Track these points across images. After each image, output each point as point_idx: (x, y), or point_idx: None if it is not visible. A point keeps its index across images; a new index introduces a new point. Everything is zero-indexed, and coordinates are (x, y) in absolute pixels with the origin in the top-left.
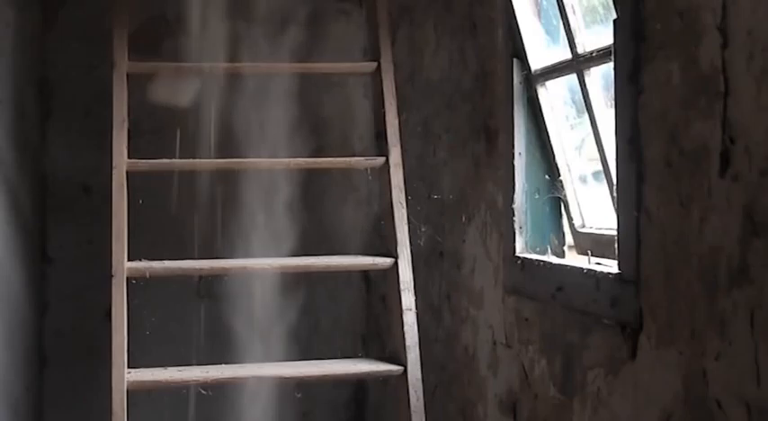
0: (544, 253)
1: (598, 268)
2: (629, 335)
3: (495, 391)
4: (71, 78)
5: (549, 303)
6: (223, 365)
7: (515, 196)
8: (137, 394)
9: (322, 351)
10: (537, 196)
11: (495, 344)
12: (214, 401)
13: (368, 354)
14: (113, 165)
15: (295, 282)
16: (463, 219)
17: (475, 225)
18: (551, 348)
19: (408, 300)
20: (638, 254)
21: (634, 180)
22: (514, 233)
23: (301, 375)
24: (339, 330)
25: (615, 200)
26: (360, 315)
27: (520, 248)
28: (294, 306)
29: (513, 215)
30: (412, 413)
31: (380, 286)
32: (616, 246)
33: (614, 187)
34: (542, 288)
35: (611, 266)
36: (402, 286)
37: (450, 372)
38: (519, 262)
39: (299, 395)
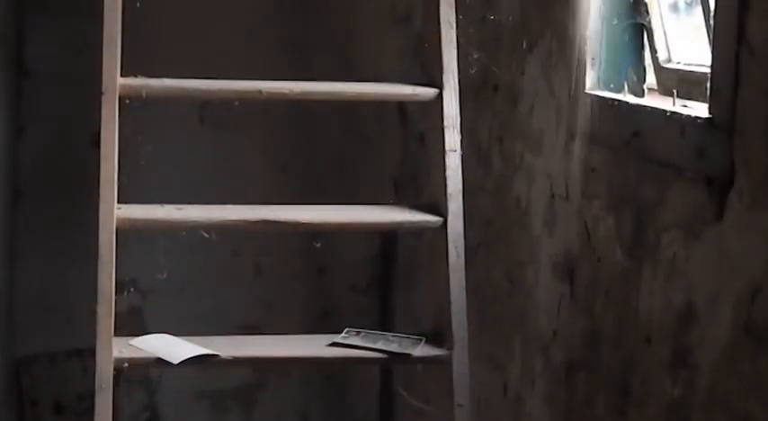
0: (620, 91)
1: (684, 111)
2: (716, 191)
3: (549, 253)
4: None
5: (622, 151)
6: (229, 206)
7: (589, 20)
8: (127, 234)
9: (346, 196)
10: (615, 22)
11: (553, 197)
12: (217, 247)
13: (401, 202)
14: None
15: (315, 113)
16: (524, 46)
17: (538, 54)
18: (621, 204)
19: (453, 139)
20: (734, 95)
21: (736, 5)
22: (585, 66)
23: (321, 222)
24: (367, 172)
25: (710, 29)
26: (393, 155)
27: (591, 84)
28: (314, 141)
29: (585, 44)
30: (450, 272)
31: (419, 122)
32: (708, 85)
33: (711, 13)
34: (615, 133)
35: (699, 110)
36: (446, 122)
37: (497, 228)
38: (589, 100)
39: (317, 245)
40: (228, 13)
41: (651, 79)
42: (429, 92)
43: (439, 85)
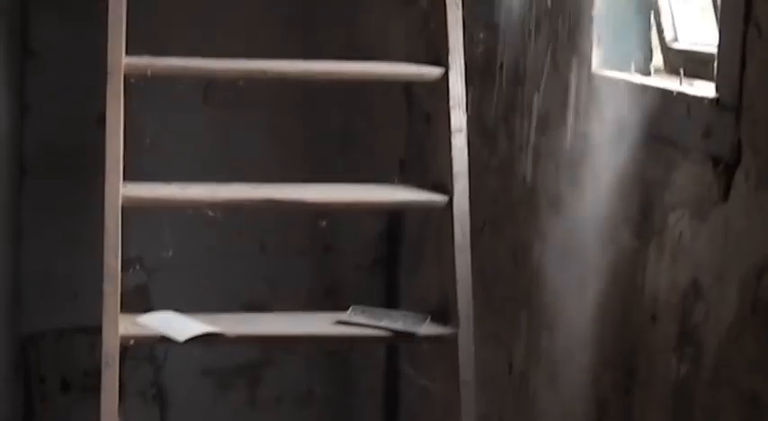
0: (626, 70)
1: (691, 91)
2: (722, 171)
3: (554, 232)
4: None
5: (629, 131)
6: (234, 185)
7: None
8: (133, 212)
9: (353, 176)
10: (622, 1)
11: (559, 177)
12: (222, 225)
13: (407, 181)
14: None
15: (320, 92)
16: (530, 25)
17: (544, 33)
18: (627, 184)
19: (458, 119)
20: (741, 75)
21: None
22: (591, 45)
23: (327, 201)
24: (374, 151)
25: (717, 8)
26: (398, 135)
27: (597, 64)
28: (319, 120)
29: (592, 23)
30: (456, 251)
31: (425, 102)
32: (715, 65)
33: None
34: (621, 112)
35: (706, 89)
36: (452, 102)
37: (502, 208)
38: (595, 80)
39: (323, 224)
40: None
41: (658, 59)
42: (435, 71)
43: (445, 64)
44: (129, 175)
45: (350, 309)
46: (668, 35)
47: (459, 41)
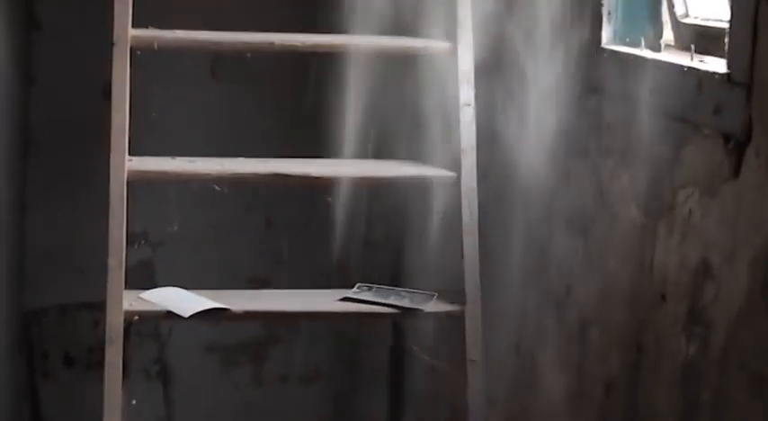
0: (636, 45)
1: (701, 66)
2: (733, 148)
3: (563, 209)
4: None
5: (638, 107)
6: (240, 159)
7: None
8: (138, 186)
9: (354, 150)
10: None
11: (567, 153)
12: (228, 200)
13: (413, 157)
14: None
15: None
16: None
17: (553, 7)
18: (636, 161)
19: (467, 93)
20: (753, 51)
21: None
22: (601, 19)
23: (333, 176)
24: (379, 127)
25: None
26: (404, 110)
27: (607, 39)
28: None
29: None
30: (463, 228)
31: (432, 77)
32: (726, 40)
33: None
34: (631, 88)
35: (717, 65)
36: (460, 77)
37: (510, 185)
38: (604, 55)
39: (329, 199)
40: None
41: (668, 34)
42: (442, 45)
43: (453, 38)
44: (135, 149)
45: (356, 285)
46: (679, 10)
47: (468, 15)
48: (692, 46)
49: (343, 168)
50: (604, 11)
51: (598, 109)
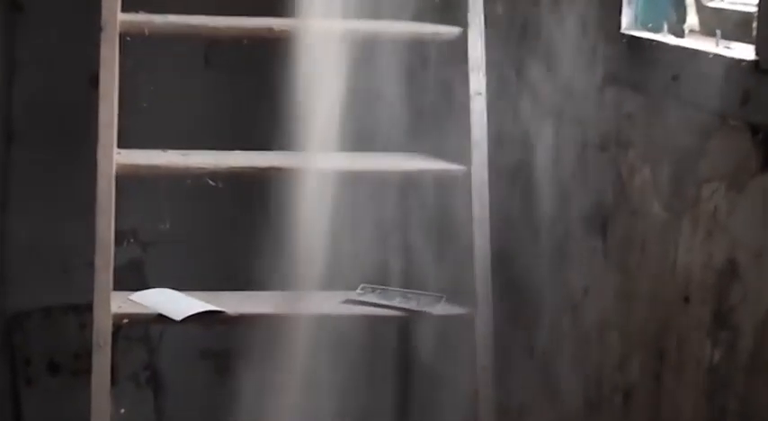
0: (659, 31)
1: (728, 53)
2: (761, 140)
3: (580, 205)
4: None
5: (661, 96)
6: (236, 152)
7: None
8: (127, 181)
9: (362, 145)
10: None
11: (585, 145)
12: (223, 195)
13: (421, 150)
14: None
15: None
16: None
17: None
18: (658, 153)
19: (478, 82)
20: None
21: None
22: (621, 3)
23: (335, 169)
24: (385, 119)
25: None
26: (412, 100)
27: (627, 23)
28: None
29: None
30: (474, 223)
31: (441, 66)
32: (754, 25)
33: None
34: (653, 76)
35: (745, 52)
36: (471, 64)
37: (523, 179)
38: (624, 41)
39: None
40: None
41: (692, 19)
42: (452, 31)
43: (463, 23)
44: (124, 141)
45: (360, 286)
46: None
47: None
48: (718, 31)
49: (347, 162)
50: None
51: (617, 98)
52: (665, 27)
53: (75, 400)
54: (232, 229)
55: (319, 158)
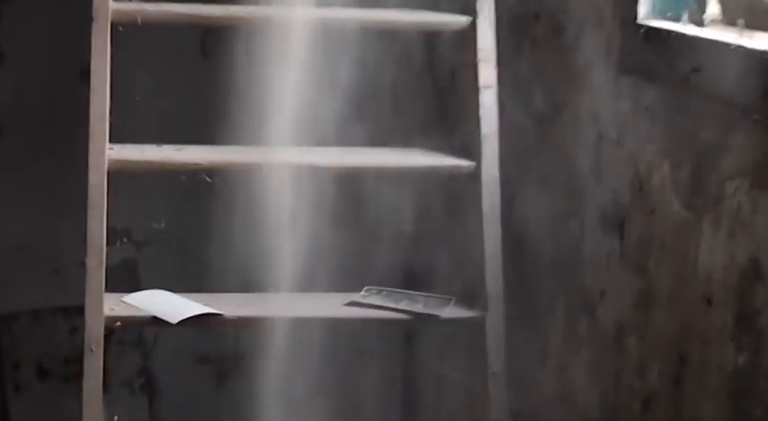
0: (678, 20)
1: (751, 44)
2: None
3: (596, 203)
4: None
5: (680, 89)
6: (235, 146)
7: None
8: (120, 178)
9: (365, 138)
10: None
11: (600, 139)
12: (221, 193)
13: (428, 145)
14: None
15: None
16: None
17: None
18: (678, 149)
19: (488, 74)
20: None
21: None
22: None
23: (339, 165)
24: (389, 112)
25: None
26: (419, 92)
27: (645, 13)
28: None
29: None
30: (484, 223)
31: (449, 56)
32: None
33: None
34: (672, 68)
35: None
36: (480, 55)
37: (536, 174)
38: (642, 31)
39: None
40: None
41: (713, 8)
42: (461, 20)
43: (472, 12)
44: (117, 136)
45: (364, 288)
46: None
47: None
48: (741, 21)
49: (350, 157)
50: None
51: (635, 91)
52: (685, 17)
53: (65, 407)
54: (229, 228)
55: (321, 154)
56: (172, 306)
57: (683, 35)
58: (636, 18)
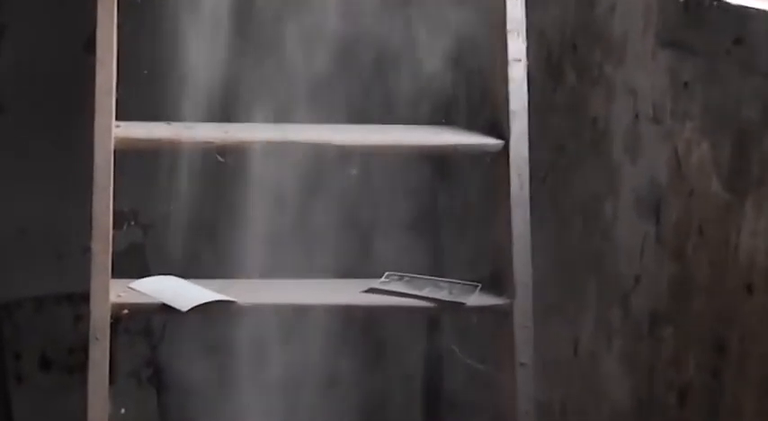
0: None
1: None
2: None
3: (631, 184)
4: None
5: (722, 62)
6: (247, 124)
7: None
8: (127, 156)
9: (390, 117)
10: None
11: (637, 117)
12: (233, 173)
13: (454, 122)
14: None
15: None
16: None
17: None
18: (719, 126)
19: (516, 47)
20: None
21: None
22: None
23: (358, 143)
24: (414, 88)
25: None
26: (445, 67)
27: None
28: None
29: None
30: (512, 204)
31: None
32: None
33: None
34: (713, 40)
35: None
36: (509, 26)
37: (569, 154)
38: (682, 1)
39: (353, 172)
40: None
41: None
42: None
43: None
44: (123, 113)
45: (385, 274)
46: None
47: None
48: None
49: (370, 134)
50: None
51: (673, 65)
52: None
53: (69, 399)
54: (243, 210)
55: (341, 132)
56: (182, 292)
57: (725, 4)
58: None
